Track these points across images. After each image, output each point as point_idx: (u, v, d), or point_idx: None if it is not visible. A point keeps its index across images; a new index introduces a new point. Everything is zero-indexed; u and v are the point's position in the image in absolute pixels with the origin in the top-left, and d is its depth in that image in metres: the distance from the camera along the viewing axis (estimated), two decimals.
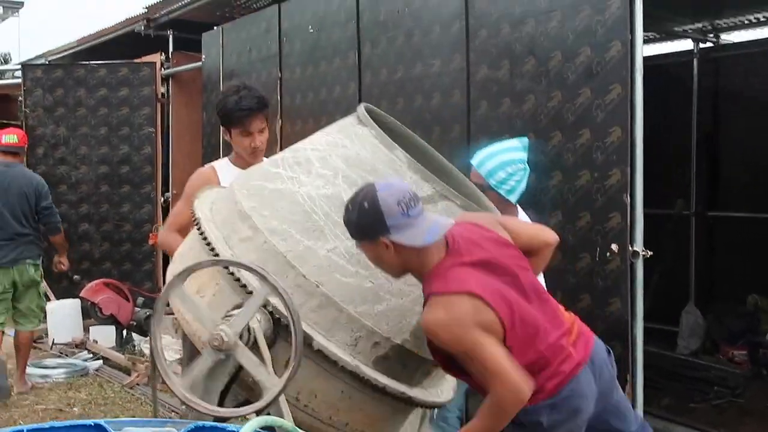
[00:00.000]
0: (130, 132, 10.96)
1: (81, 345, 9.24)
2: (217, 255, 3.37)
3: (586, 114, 5.16)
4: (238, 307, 3.25)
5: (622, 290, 4.98)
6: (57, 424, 2.22)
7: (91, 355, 8.96)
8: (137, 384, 7.82)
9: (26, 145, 8.65)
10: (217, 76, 9.53)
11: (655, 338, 8.67)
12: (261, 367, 3.12)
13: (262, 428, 2.37)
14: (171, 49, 11.03)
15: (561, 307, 3.53)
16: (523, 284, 3.36)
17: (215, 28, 9.71)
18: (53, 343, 9.30)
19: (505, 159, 4.44)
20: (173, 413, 6.34)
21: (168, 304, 3.31)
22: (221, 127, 4.60)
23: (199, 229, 3.56)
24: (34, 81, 11.01)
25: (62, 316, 9.52)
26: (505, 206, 4.34)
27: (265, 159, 4.17)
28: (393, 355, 3.45)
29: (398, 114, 6.69)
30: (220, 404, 3.30)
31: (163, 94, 11.32)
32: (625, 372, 4.97)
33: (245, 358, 3.13)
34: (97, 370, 8.52)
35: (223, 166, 4.60)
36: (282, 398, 3.17)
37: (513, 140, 4.61)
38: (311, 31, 7.89)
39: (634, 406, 5.00)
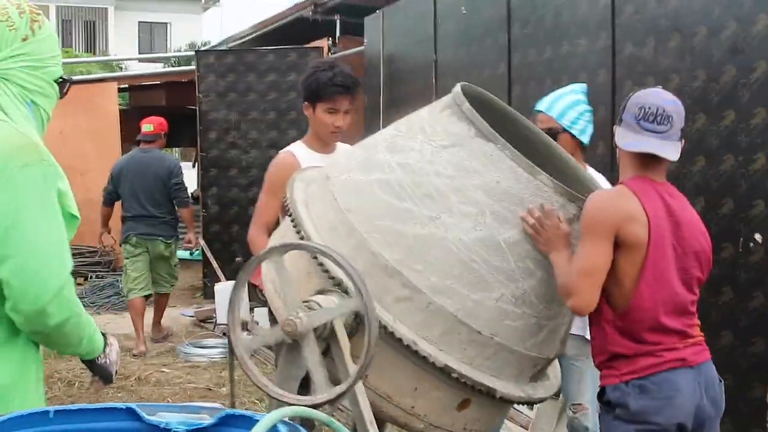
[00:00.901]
0: (297, 116, 11.08)
1: (243, 326, 9.42)
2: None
3: (730, 94, 4.82)
4: (321, 292, 3.19)
5: (766, 283, 4.63)
6: (88, 406, 2.20)
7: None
8: None
9: (163, 131, 9.25)
10: (377, 60, 9.53)
11: None
12: (320, 367, 3.03)
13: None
14: (338, 33, 11.11)
15: (696, 322, 3.38)
16: (684, 264, 3.28)
17: (377, 11, 9.70)
18: (216, 323, 9.53)
19: (573, 99, 4.28)
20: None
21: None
22: (304, 103, 4.45)
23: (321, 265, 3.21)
24: (207, 67, 11.31)
25: (227, 298, 9.72)
26: (576, 151, 4.16)
27: (349, 148, 3.90)
28: (544, 368, 3.51)
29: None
30: (307, 391, 3.26)
31: None
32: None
33: (309, 352, 3.04)
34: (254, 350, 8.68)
35: (300, 149, 4.46)
36: (360, 388, 3.09)
37: (573, 85, 4.49)
38: (464, 11, 7.75)
39: None
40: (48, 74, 2.64)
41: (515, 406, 5.93)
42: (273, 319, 4.00)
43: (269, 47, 11.44)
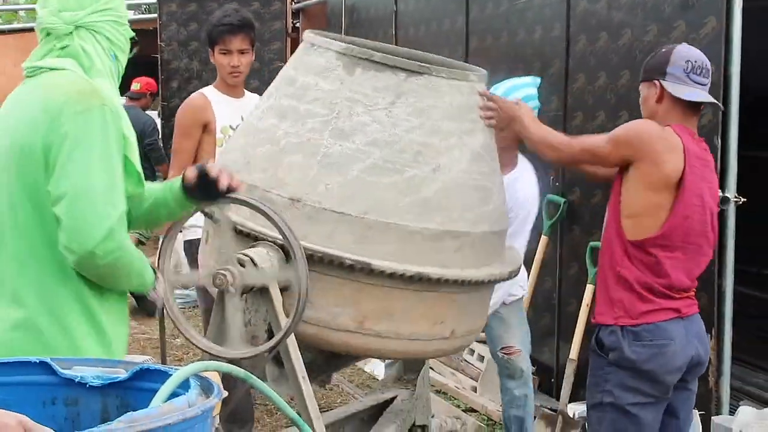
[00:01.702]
0: (260, 66, 10.92)
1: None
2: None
3: None
4: (253, 245, 3.16)
5: None
6: None
7: None
8: None
9: (149, 92, 9.95)
10: (339, 9, 9.46)
11: None
12: (241, 323, 3.05)
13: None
14: None
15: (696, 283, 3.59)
16: (704, 217, 3.45)
17: None
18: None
19: (527, 94, 4.30)
20: None
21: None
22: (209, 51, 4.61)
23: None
24: (170, 15, 11.16)
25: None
26: (515, 143, 4.22)
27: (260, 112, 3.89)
28: None
29: (503, 48, 6.46)
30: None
31: (295, 28, 11.31)
32: (711, 326, 4.67)
33: (232, 307, 3.04)
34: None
35: (210, 92, 4.62)
36: (292, 342, 3.09)
37: (528, 77, 4.50)
38: None
39: (721, 361, 4.73)
40: (126, 31, 2.74)
41: (466, 359, 6.01)
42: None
43: None
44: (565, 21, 5.76)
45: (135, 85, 9.80)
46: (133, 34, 2.78)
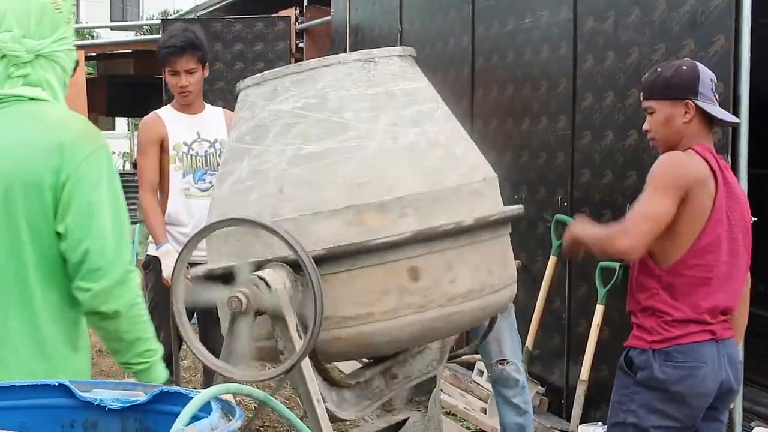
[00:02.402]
0: None
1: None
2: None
3: None
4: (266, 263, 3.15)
5: None
6: (18, 382, 2.17)
7: None
8: None
9: None
10: (343, 29, 9.47)
11: None
12: (253, 344, 3.03)
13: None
14: (305, 2, 11.03)
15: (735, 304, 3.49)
16: (732, 235, 3.39)
17: None
18: None
19: None
20: None
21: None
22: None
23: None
24: None
25: None
26: None
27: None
28: None
29: (509, 67, 6.47)
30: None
31: (299, 49, 11.34)
32: None
33: (245, 328, 3.02)
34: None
35: (165, 111, 4.76)
36: (306, 364, 3.07)
37: None
38: None
39: None
40: (73, 58, 2.64)
41: (476, 380, 5.98)
42: None
43: (236, 16, 11.33)
44: (572, 40, 5.76)
45: None
46: (76, 58, 2.68)
